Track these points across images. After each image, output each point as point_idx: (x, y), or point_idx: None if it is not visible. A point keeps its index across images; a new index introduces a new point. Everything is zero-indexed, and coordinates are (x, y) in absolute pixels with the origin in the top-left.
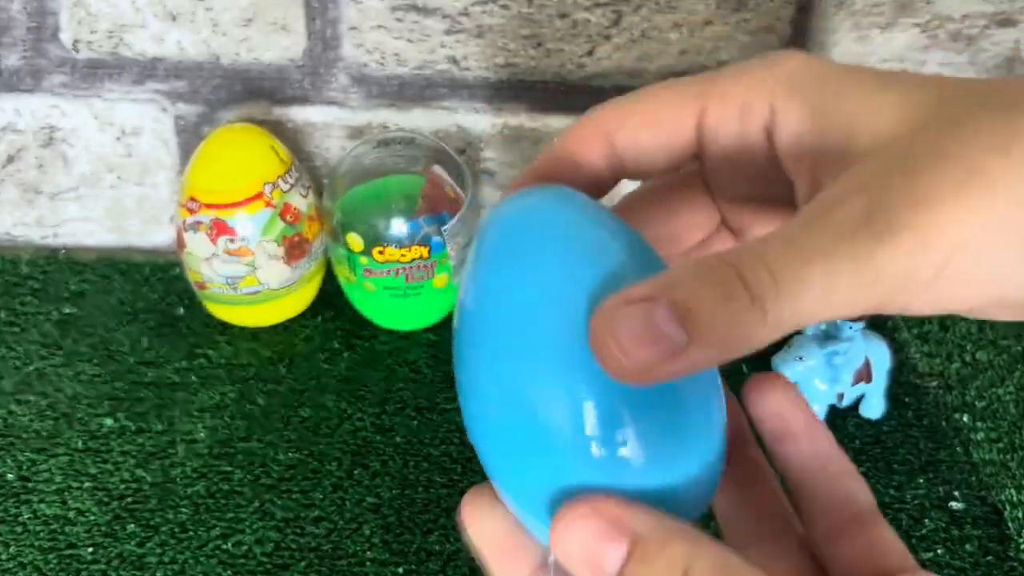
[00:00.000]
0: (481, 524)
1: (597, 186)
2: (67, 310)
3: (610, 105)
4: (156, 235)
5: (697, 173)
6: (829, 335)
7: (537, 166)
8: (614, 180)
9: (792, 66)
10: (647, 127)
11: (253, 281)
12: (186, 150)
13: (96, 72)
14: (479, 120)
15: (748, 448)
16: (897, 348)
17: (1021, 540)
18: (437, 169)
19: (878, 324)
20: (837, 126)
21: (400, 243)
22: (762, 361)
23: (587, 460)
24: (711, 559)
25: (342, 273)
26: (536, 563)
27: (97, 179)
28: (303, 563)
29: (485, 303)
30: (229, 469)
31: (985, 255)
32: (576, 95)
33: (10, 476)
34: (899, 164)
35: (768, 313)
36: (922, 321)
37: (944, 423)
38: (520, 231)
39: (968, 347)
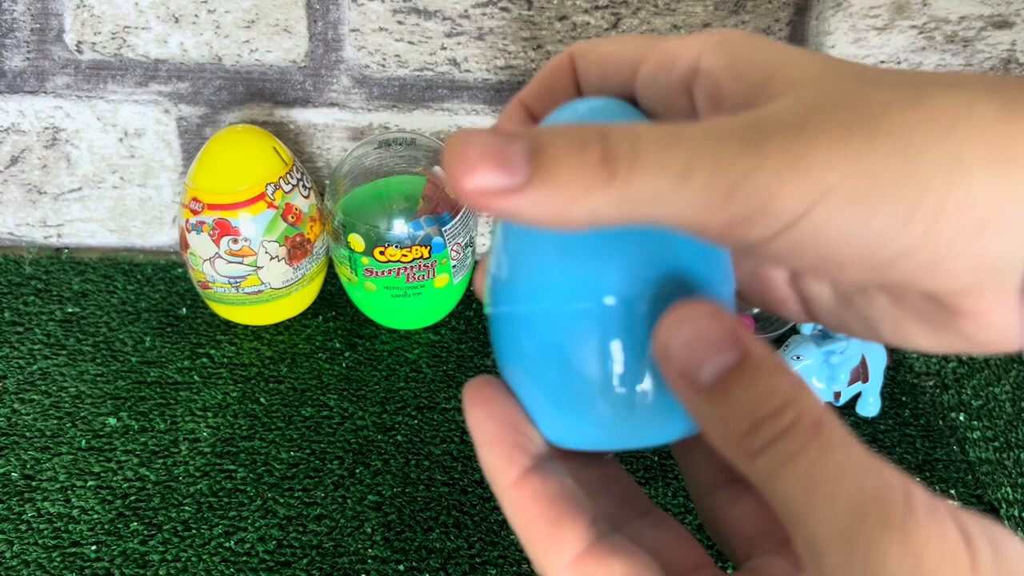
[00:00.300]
0: (482, 412)
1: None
2: (70, 310)
3: (583, 41)
4: (158, 235)
5: None
6: (826, 335)
7: (522, 94)
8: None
9: (729, 33)
10: (598, 66)
11: (255, 281)
12: (188, 151)
13: (99, 73)
14: (479, 121)
15: None
16: (893, 347)
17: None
18: (438, 170)
19: None
20: (755, 75)
21: (401, 243)
22: None
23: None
24: (815, 402)
25: (343, 273)
26: (531, 464)
27: (100, 180)
28: (305, 560)
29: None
30: (232, 468)
31: (856, 205)
32: None
33: (14, 475)
34: (798, 101)
35: (615, 178)
36: None
37: (940, 422)
38: None
39: None
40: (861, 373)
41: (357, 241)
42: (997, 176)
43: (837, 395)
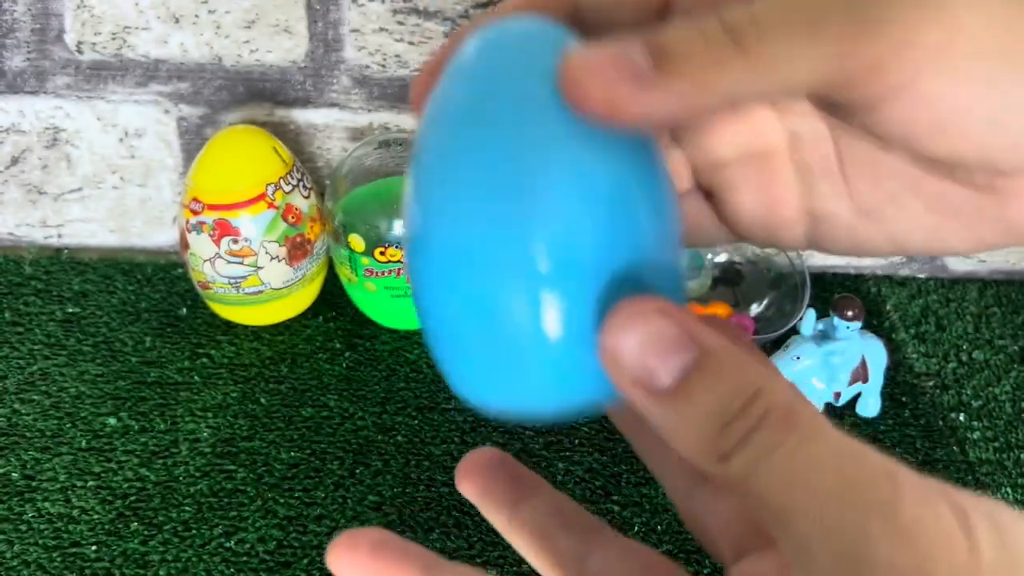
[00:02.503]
0: None
1: None
2: (70, 310)
3: None
4: (158, 236)
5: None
6: (826, 335)
7: (501, 7)
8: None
9: None
10: None
11: (255, 281)
12: (188, 151)
13: (100, 74)
14: None
15: None
16: (893, 348)
17: None
18: None
19: (875, 324)
20: None
21: (401, 244)
22: None
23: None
24: (785, 389)
25: (344, 273)
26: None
27: (100, 180)
28: (305, 560)
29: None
30: (232, 468)
31: (988, 51)
32: None
33: (14, 475)
34: None
35: (746, 47)
36: (919, 321)
37: (940, 422)
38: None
39: (964, 346)
40: (861, 373)
41: (357, 241)
42: None
43: (837, 395)
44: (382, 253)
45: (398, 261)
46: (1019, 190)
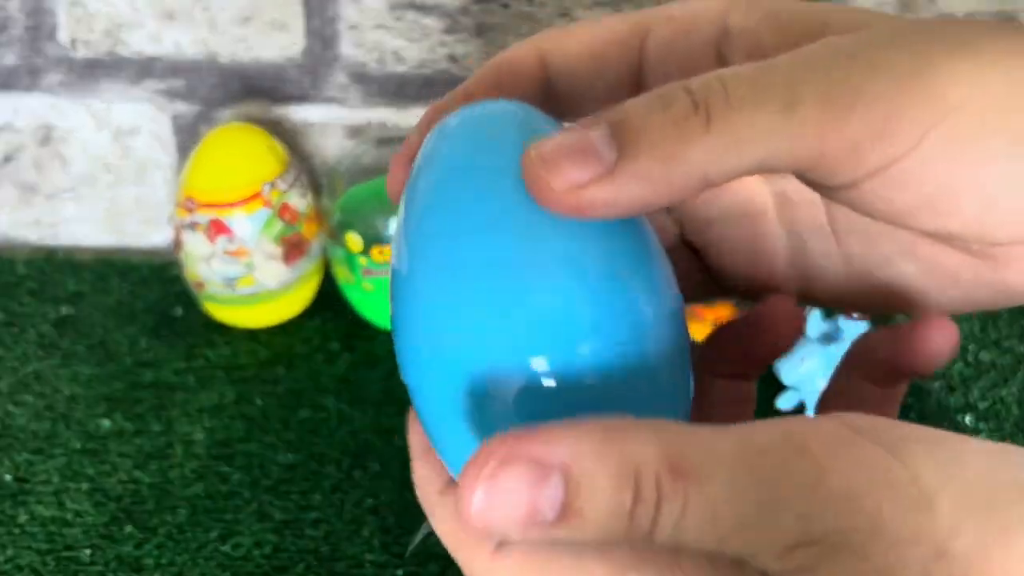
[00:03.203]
0: (416, 428)
1: None
2: (64, 311)
3: (549, 30)
4: (153, 235)
5: None
6: (832, 336)
7: (466, 87)
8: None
9: None
10: (584, 50)
11: (251, 281)
12: (184, 149)
13: (93, 71)
14: None
15: None
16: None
17: None
18: None
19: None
20: (803, 24)
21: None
22: None
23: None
24: (657, 445)
25: (341, 273)
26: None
27: (94, 179)
28: (302, 565)
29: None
30: (227, 470)
31: (976, 130)
32: None
33: (7, 477)
34: (884, 28)
35: (713, 121)
36: None
37: (947, 424)
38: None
39: (971, 348)
40: None
41: (355, 240)
42: None
43: None
44: (380, 252)
45: None
46: (1017, 255)
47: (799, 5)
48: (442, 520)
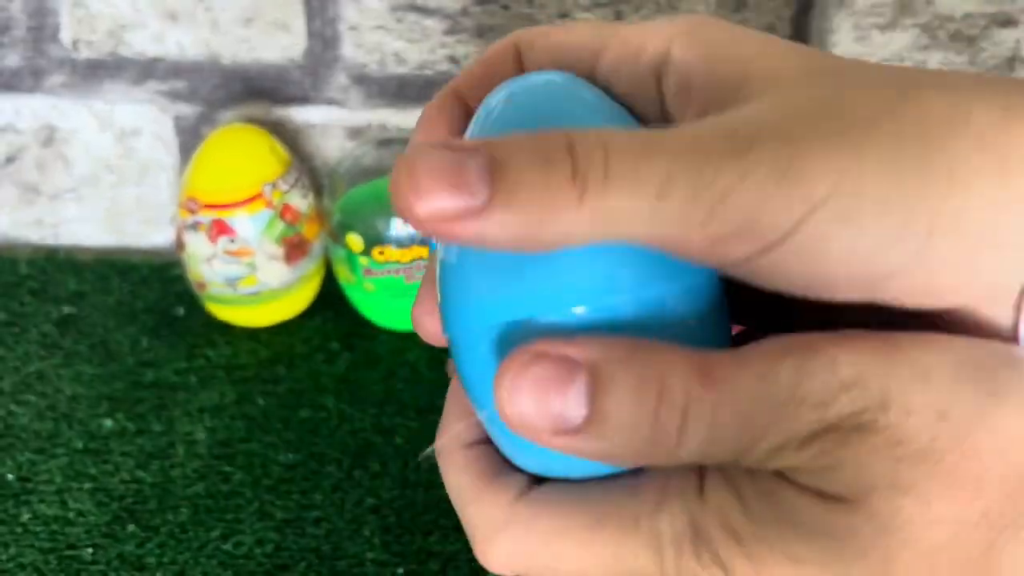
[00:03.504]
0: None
1: None
2: (66, 310)
3: (527, 29)
4: (155, 236)
5: None
6: None
7: (458, 82)
8: None
9: (698, 19)
10: (549, 55)
11: (253, 281)
12: (186, 150)
13: (96, 72)
14: None
15: None
16: None
17: None
18: None
19: None
20: (730, 70)
21: (400, 243)
22: None
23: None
24: (685, 356)
25: (342, 273)
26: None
27: (97, 179)
28: (303, 564)
29: None
30: (229, 470)
31: (847, 220)
32: None
33: (10, 477)
34: (780, 103)
35: (586, 195)
36: None
37: None
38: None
39: None
40: None
41: (355, 241)
42: (994, 190)
43: None
44: (380, 253)
45: (396, 261)
46: (958, 325)
47: (737, 45)
48: (462, 470)
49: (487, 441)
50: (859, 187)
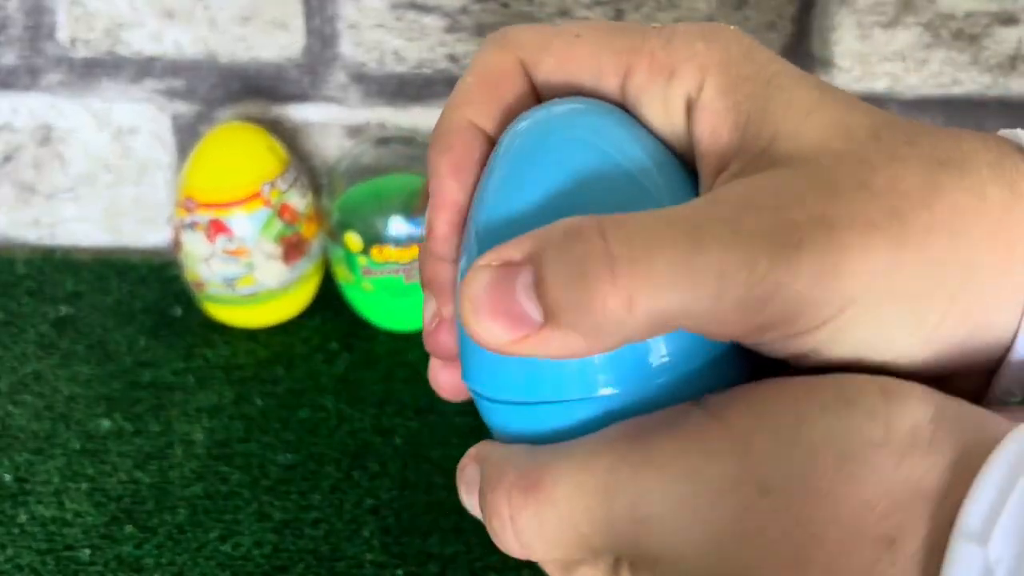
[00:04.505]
0: None
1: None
2: (64, 311)
3: (524, 35)
4: (152, 235)
5: None
6: None
7: (463, 110)
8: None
9: (728, 46)
10: (566, 71)
11: (251, 281)
12: (183, 149)
13: (93, 71)
14: None
15: None
16: None
17: None
18: None
19: None
20: (762, 120)
21: (399, 242)
22: None
23: None
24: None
25: (340, 273)
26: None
27: (94, 179)
28: (301, 565)
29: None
30: (227, 470)
31: (872, 317)
32: None
33: (7, 477)
34: (819, 182)
35: (636, 303)
36: None
37: None
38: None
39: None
40: None
41: (354, 240)
42: (1000, 285)
43: None
44: (379, 252)
45: (395, 260)
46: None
47: (768, 97)
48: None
49: None
50: (891, 286)
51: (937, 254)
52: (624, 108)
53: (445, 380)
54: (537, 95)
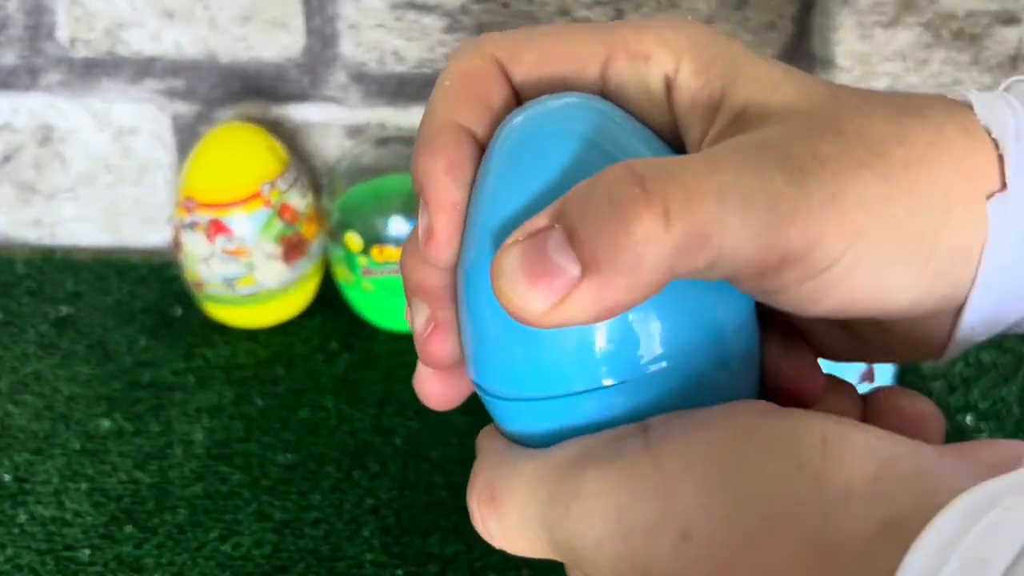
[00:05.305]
0: None
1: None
2: (64, 311)
3: (499, 37)
4: (152, 235)
5: None
6: None
7: (447, 111)
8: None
9: (697, 31)
10: (546, 66)
11: (251, 281)
12: (183, 149)
13: (93, 71)
14: None
15: None
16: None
17: None
18: None
19: None
20: (735, 95)
21: (399, 242)
22: None
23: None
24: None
25: (341, 273)
26: None
27: (94, 179)
28: (301, 565)
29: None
30: (227, 470)
31: (880, 249)
32: None
33: (7, 477)
34: (799, 132)
35: (671, 213)
36: None
37: (948, 424)
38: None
39: (972, 348)
40: (868, 374)
41: (354, 240)
42: (969, 217)
43: None
44: (379, 252)
45: (396, 261)
46: (900, 331)
47: (738, 72)
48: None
49: None
50: (887, 219)
51: (919, 188)
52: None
53: (433, 389)
54: (517, 95)
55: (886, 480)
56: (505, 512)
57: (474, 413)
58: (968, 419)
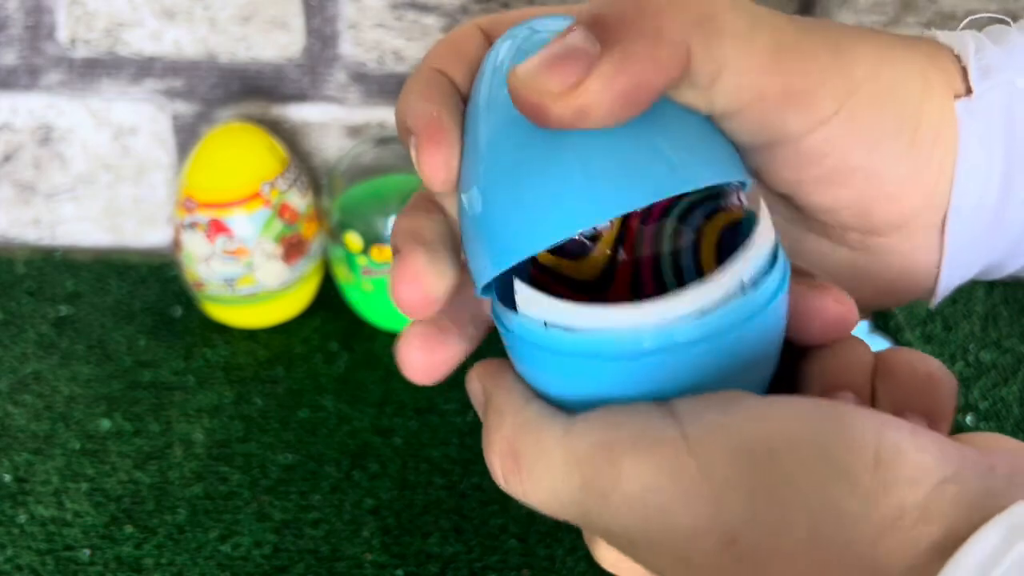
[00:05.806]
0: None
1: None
2: (63, 311)
3: (487, 16)
4: (152, 235)
5: None
6: None
7: (431, 59)
8: None
9: None
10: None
11: (250, 281)
12: (183, 149)
13: (93, 71)
14: None
15: None
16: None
17: None
18: None
19: (883, 325)
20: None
21: None
22: None
23: None
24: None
25: (340, 273)
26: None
27: (94, 179)
28: (301, 565)
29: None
30: (227, 471)
31: (870, 112)
32: None
33: (7, 478)
34: (801, 22)
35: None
36: (926, 321)
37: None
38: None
39: (971, 348)
40: None
41: (354, 240)
42: (946, 105)
43: None
44: (379, 252)
45: None
46: (890, 248)
47: (714, 25)
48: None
49: None
50: (879, 78)
51: (903, 65)
52: None
53: (417, 360)
54: None
55: (937, 502)
56: (529, 479)
57: (474, 413)
58: (968, 419)
